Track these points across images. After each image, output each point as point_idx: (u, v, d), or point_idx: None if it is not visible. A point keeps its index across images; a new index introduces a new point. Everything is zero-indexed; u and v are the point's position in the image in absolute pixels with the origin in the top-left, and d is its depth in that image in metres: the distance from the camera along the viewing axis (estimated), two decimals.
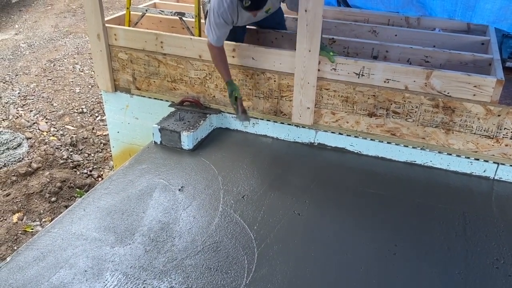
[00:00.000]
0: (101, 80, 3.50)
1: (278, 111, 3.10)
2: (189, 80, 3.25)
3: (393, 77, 2.73)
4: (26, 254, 2.12)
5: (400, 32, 3.49)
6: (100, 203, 2.48)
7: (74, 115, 5.12)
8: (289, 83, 2.96)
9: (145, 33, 3.25)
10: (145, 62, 3.30)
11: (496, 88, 2.55)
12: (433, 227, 2.37)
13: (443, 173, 2.84)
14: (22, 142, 4.41)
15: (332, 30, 3.54)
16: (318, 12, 2.68)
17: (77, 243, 2.18)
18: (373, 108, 2.85)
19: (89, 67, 6.39)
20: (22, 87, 5.66)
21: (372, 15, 3.84)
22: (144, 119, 3.52)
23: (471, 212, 2.48)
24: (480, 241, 2.28)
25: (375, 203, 2.56)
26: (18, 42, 7.24)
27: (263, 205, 2.50)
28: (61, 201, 3.71)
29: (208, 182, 2.69)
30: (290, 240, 2.26)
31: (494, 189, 2.70)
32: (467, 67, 2.96)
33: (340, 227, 2.38)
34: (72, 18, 8.64)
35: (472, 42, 3.30)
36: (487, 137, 2.68)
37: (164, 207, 2.46)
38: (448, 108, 2.69)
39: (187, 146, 2.98)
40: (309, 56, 2.80)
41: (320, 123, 3.02)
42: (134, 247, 2.17)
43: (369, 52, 3.18)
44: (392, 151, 2.93)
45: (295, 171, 2.85)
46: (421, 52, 3.08)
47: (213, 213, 2.43)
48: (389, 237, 2.30)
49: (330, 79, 2.87)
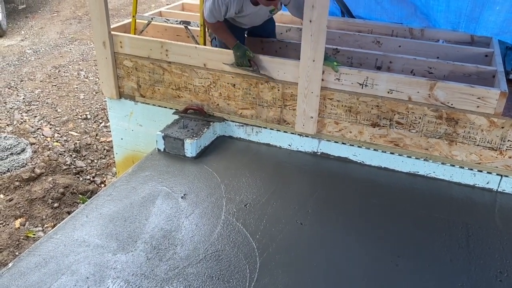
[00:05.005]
0: (105, 87, 3.52)
1: (282, 120, 3.11)
2: (193, 88, 3.26)
3: (397, 88, 2.74)
4: (28, 260, 2.12)
5: (404, 43, 3.50)
6: (102, 209, 2.49)
7: (78, 121, 5.15)
8: (292, 92, 2.98)
9: (151, 41, 3.28)
10: (150, 69, 3.32)
11: (500, 100, 2.56)
12: (436, 239, 2.36)
13: (446, 184, 2.83)
14: (26, 148, 4.43)
15: (336, 40, 3.56)
16: (323, 22, 2.69)
17: (79, 250, 2.18)
18: (376, 119, 2.86)
19: (93, 73, 6.43)
20: (27, 93, 5.69)
21: (376, 25, 3.86)
22: (148, 126, 3.53)
23: (474, 224, 2.47)
24: (483, 253, 2.27)
25: (378, 213, 2.55)
26: (24, 48, 7.30)
27: (266, 214, 2.49)
28: (64, 207, 3.72)
29: (211, 190, 2.69)
30: (292, 250, 2.26)
31: (497, 201, 2.69)
32: (470, 79, 2.97)
33: (343, 237, 2.37)
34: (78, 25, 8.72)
35: (476, 54, 3.31)
36: (490, 149, 2.68)
37: (166, 214, 2.46)
38: (451, 120, 2.69)
39: (190, 153, 2.99)
40: (313, 66, 2.81)
41: (323, 133, 3.03)
42: (136, 254, 2.17)
43: (372, 62, 3.20)
44: (395, 162, 2.93)
45: (297, 180, 2.85)
46: (424, 63, 3.09)
47: (216, 221, 2.43)
48: (391, 248, 2.29)
49: (334, 89, 2.88)
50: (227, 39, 3.01)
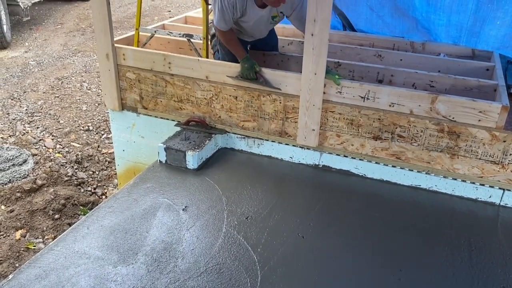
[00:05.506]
0: (108, 98, 3.54)
1: (283, 132, 3.11)
2: (195, 100, 3.28)
3: (398, 101, 2.75)
4: (28, 272, 2.11)
5: (405, 56, 3.52)
6: (104, 221, 2.48)
7: (80, 132, 5.16)
8: (294, 105, 2.99)
9: (154, 53, 3.30)
10: (153, 82, 3.34)
11: (501, 114, 2.56)
12: (438, 253, 2.34)
13: (448, 198, 2.82)
14: (27, 159, 4.44)
15: (337, 54, 3.59)
16: (324, 36, 2.71)
17: (79, 262, 2.17)
18: (378, 132, 2.86)
19: (96, 85, 6.47)
20: (29, 104, 5.72)
21: (377, 39, 3.89)
22: (150, 138, 3.54)
23: (477, 238, 2.45)
24: (486, 268, 2.25)
25: (380, 227, 2.54)
26: (28, 60, 7.35)
27: (267, 227, 2.48)
28: (65, 219, 3.71)
29: (212, 202, 2.68)
30: (294, 263, 2.24)
31: (500, 215, 2.68)
32: (472, 93, 2.98)
33: (345, 251, 2.36)
34: (81, 37, 8.80)
35: (477, 68, 3.33)
36: (492, 162, 2.68)
37: (167, 227, 2.46)
38: (453, 133, 2.70)
39: (192, 165, 2.99)
40: (315, 79, 2.83)
41: (325, 145, 3.03)
42: (137, 267, 2.16)
43: (374, 76, 3.21)
44: (397, 175, 2.93)
45: (299, 193, 2.84)
46: (426, 77, 3.10)
47: (217, 234, 2.42)
48: (393, 262, 2.28)
49: (336, 101, 2.89)
50: (238, 51, 3.06)
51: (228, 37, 3.07)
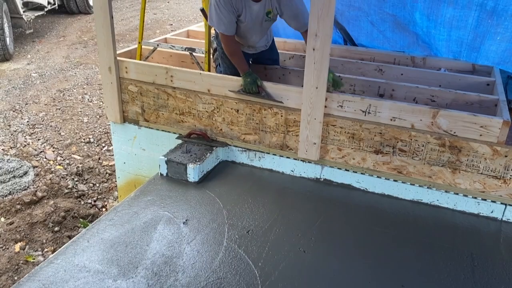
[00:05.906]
0: (110, 111, 3.55)
1: (284, 145, 3.11)
2: (197, 113, 3.29)
3: (400, 116, 2.76)
4: (28, 285, 2.09)
5: (406, 71, 3.54)
6: (104, 234, 2.47)
7: (81, 144, 5.16)
8: (295, 118, 2.99)
9: (156, 67, 3.32)
10: (155, 95, 3.36)
11: (503, 129, 2.56)
12: (441, 268, 2.32)
13: (450, 212, 2.81)
14: (28, 171, 4.43)
15: (339, 68, 3.61)
16: (326, 50, 2.73)
17: (79, 275, 2.16)
18: (379, 146, 2.86)
19: (97, 97, 6.49)
20: (31, 116, 5.73)
21: (378, 54, 3.91)
22: (151, 150, 3.54)
23: (480, 254, 2.44)
24: (489, 283, 2.23)
25: (381, 241, 2.53)
26: (30, 72, 7.39)
27: (268, 241, 2.47)
28: (64, 231, 3.69)
29: (213, 215, 2.67)
30: (295, 278, 2.22)
31: (503, 230, 2.66)
32: (472, 107, 2.99)
33: (346, 265, 2.34)
34: (83, 49, 8.85)
35: (478, 83, 3.34)
36: (494, 177, 2.67)
37: (168, 240, 2.44)
38: (454, 148, 2.70)
39: (193, 178, 2.99)
40: (316, 93, 2.84)
41: (326, 159, 3.03)
42: (137, 281, 2.14)
43: (375, 90, 3.23)
44: (398, 189, 2.92)
45: (300, 206, 2.83)
46: (427, 91, 3.11)
47: (218, 248, 2.40)
48: (395, 277, 2.26)
49: (337, 115, 2.90)
50: (241, 65, 3.07)
51: (232, 48, 3.07)
